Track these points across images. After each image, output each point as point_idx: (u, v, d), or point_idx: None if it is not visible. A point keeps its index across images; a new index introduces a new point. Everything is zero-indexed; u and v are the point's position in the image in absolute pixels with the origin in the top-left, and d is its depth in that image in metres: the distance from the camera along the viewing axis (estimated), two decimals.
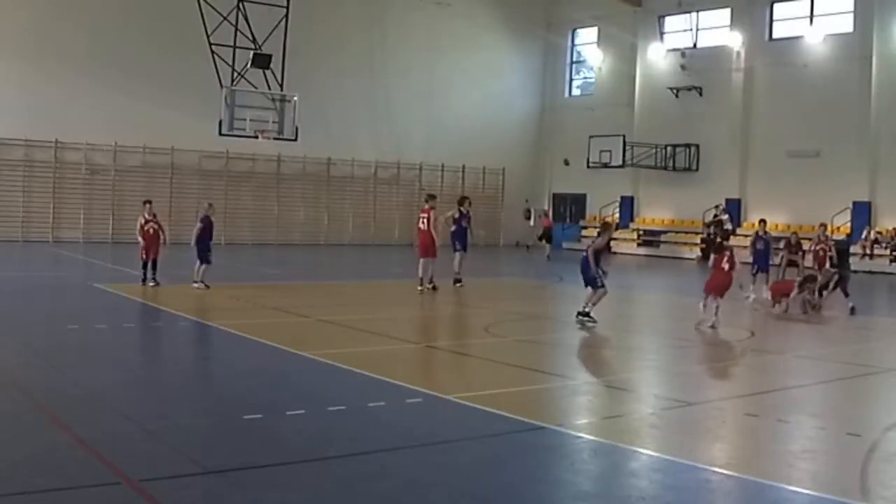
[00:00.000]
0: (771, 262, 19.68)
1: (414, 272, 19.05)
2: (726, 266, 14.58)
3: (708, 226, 33.05)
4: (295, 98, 27.38)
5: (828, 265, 18.29)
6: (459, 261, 19.69)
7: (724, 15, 35.47)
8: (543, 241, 32.87)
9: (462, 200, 20.36)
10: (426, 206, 19.41)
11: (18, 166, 30.25)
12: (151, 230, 17.77)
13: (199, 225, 17.62)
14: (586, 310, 13.84)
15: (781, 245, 20.29)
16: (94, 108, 30.18)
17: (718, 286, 14.51)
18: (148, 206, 18.35)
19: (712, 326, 14.08)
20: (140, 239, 17.78)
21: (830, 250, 18.63)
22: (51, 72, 29.87)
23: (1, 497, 5.37)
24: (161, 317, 14.06)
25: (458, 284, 19.52)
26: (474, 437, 7.31)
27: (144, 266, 17.57)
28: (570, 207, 41.06)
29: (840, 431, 7.80)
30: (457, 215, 19.94)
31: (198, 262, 17.34)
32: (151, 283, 17.36)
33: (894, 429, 7.98)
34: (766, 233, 20.11)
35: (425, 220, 19.08)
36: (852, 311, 16.84)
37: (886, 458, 7.02)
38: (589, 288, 14.08)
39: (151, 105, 30.98)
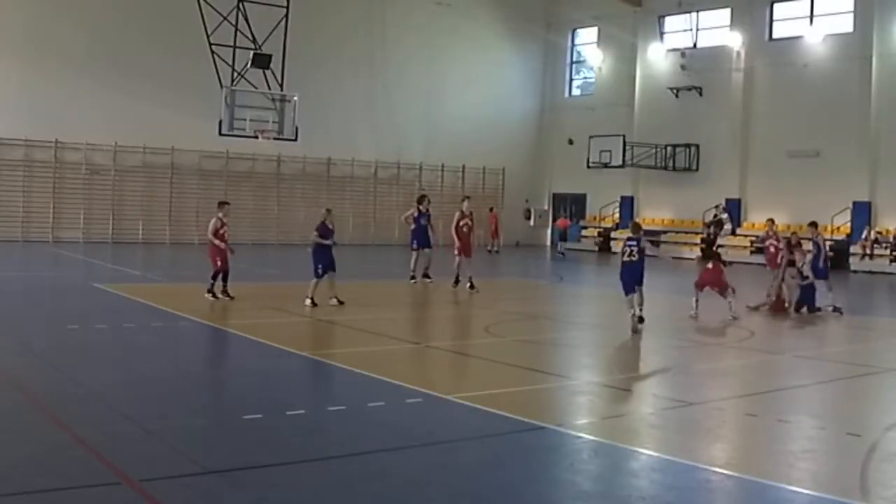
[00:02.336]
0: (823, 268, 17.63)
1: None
2: (710, 266, 16.26)
3: (708, 226, 33.06)
4: (295, 98, 27.36)
5: (782, 262, 17.84)
6: (415, 259, 20.11)
7: (724, 15, 35.44)
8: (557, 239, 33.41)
9: (421, 199, 20.75)
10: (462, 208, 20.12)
11: (18, 166, 30.25)
12: (226, 235, 15.89)
13: (321, 238, 16.05)
14: (641, 314, 13.40)
15: (782, 245, 20.14)
16: (94, 108, 30.18)
17: (706, 280, 15.90)
18: (226, 207, 16.18)
19: (733, 317, 15.16)
20: (220, 244, 15.75)
21: (783, 249, 18.11)
22: (51, 72, 29.88)
23: (1, 497, 5.37)
24: (161, 317, 14.05)
25: (413, 281, 19.92)
26: (474, 437, 7.31)
27: (219, 277, 15.66)
28: (571, 207, 41.05)
29: (840, 431, 7.80)
30: (416, 214, 20.33)
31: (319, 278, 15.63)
32: (226, 297, 15.65)
33: (894, 429, 7.98)
34: (817, 236, 18.12)
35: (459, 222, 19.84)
36: (835, 310, 16.57)
37: (886, 458, 7.02)
38: (633, 294, 13.66)
39: (151, 105, 30.99)
